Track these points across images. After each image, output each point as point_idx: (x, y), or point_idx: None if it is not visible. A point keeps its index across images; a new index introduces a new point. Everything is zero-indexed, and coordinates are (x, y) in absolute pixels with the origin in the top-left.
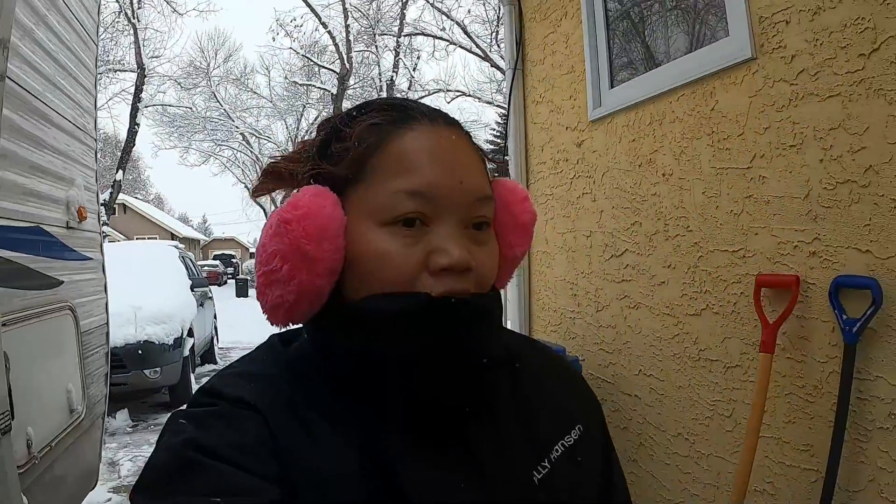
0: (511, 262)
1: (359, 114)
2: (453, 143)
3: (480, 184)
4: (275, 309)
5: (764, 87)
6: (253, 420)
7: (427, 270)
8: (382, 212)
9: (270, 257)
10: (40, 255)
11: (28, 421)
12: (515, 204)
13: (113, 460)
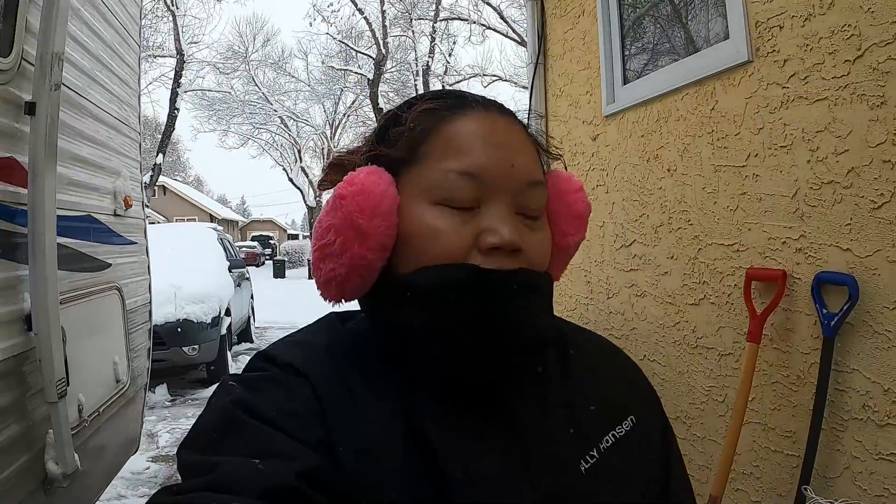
0: (564, 252)
1: (416, 101)
2: (506, 128)
3: (532, 169)
4: (328, 283)
5: (759, 89)
6: (301, 387)
7: (477, 249)
8: (435, 191)
9: (325, 231)
10: (91, 241)
11: (80, 388)
12: (570, 193)
13: (152, 432)
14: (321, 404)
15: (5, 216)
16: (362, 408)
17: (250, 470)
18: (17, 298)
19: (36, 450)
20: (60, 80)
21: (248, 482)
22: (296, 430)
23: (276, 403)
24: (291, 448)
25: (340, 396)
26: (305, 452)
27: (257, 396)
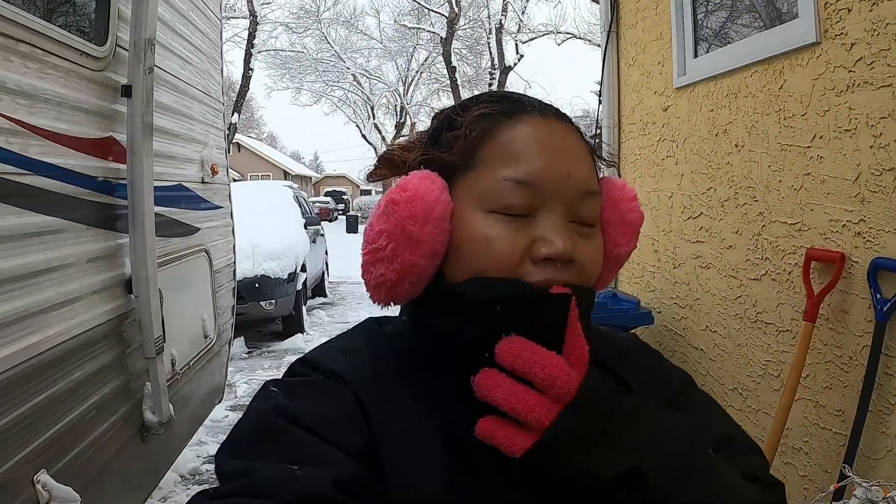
0: (615, 262)
1: (471, 104)
2: (563, 136)
3: (587, 178)
4: (377, 287)
5: (826, 71)
6: (343, 393)
7: (530, 258)
8: (489, 199)
9: (377, 236)
10: (182, 208)
11: (173, 344)
12: (623, 202)
13: (230, 382)
14: (364, 412)
15: (107, 190)
16: (404, 414)
17: (287, 475)
18: (119, 264)
19: (135, 401)
20: (153, 63)
21: (283, 487)
22: (335, 437)
23: (316, 410)
24: (329, 455)
25: (382, 403)
26: (343, 460)
27: (298, 402)
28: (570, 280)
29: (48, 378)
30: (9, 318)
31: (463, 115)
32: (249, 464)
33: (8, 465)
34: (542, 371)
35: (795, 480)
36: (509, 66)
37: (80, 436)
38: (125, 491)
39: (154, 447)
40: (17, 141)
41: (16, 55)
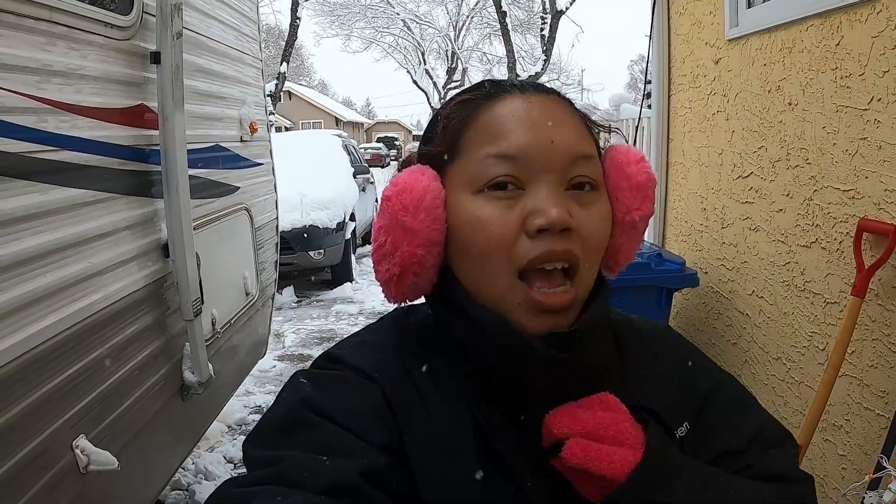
0: (630, 228)
1: (454, 97)
2: (543, 107)
3: (576, 142)
4: (387, 284)
5: (886, 28)
6: (370, 389)
7: (525, 233)
8: (475, 180)
9: (377, 233)
10: (220, 168)
11: (213, 303)
12: (629, 165)
13: (279, 332)
14: (391, 408)
15: (141, 158)
16: (432, 407)
17: (315, 465)
18: (155, 229)
19: (174, 361)
20: (181, 28)
21: (312, 477)
22: (362, 431)
23: (343, 404)
24: (357, 447)
25: (410, 398)
26: (371, 452)
27: (326, 395)
28: (573, 249)
29: (89, 344)
30: (50, 289)
31: (446, 107)
32: (279, 453)
33: (49, 431)
34: (607, 467)
35: (834, 459)
36: (561, 11)
37: (119, 399)
38: (167, 448)
39: (195, 404)
40: (49, 119)
41: (39, 34)
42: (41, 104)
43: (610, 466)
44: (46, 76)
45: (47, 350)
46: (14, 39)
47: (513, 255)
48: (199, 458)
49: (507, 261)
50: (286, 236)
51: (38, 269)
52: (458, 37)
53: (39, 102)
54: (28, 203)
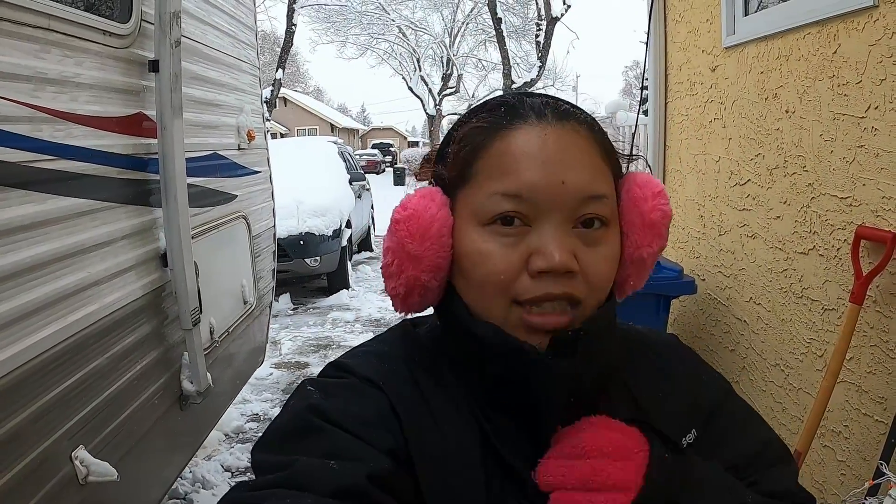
0: (638, 264)
1: (470, 117)
2: (560, 141)
3: (589, 182)
4: (394, 299)
5: (883, 37)
6: (377, 397)
7: (526, 271)
8: (482, 213)
9: (385, 253)
10: (218, 176)
11: (210, 312)
12: (644, 200)
13: (275, 339)
14: (397, 417)
15: (138, 166)
16: (439, 416)
17: (323, 469)
18: (154, 238)
19: (173, 370)
20: (180, 36)
21: (320, 480)
22: (369, 437)
23: (350, 410)
24: (364, 452)
25: (417, 407)
26: (378, 457)
27: (333, 402)
28: (573, 293)
29: (87, 355)
30: (46, 301)
31: (460, 129)
32: (286, 458)
33: (48, 442)
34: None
35: (833, 465)
36: (556, 17)
37: (118, 409)
38: (165, 457)
39: (194, 414)
40: (44, 127)
41: (35, 42)
42: (38, 112)
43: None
44: (43, 84)
45: (45, 361)
46: (10, 47)
47: (512, 290)
48: (196, 466)
49: (505, 294)
50: (282, 243)
51: (35, 279)
52: (454, 43)
53: (36, 111)
54: (25, 213)
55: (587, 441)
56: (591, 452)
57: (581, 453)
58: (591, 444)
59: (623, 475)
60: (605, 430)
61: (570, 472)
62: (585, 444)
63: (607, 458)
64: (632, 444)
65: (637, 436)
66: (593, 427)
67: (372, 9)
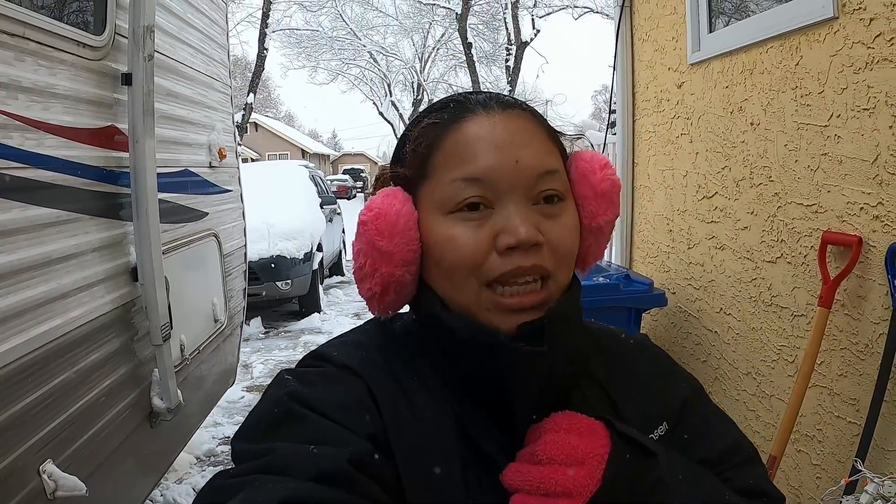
0: (597, 233)
1: (421, 118)
2: (507, 126)
3: (540, 159)
4: (370, 301)
5: (844, 47)
6: (355, 383)
7: (495, 250)
8: (446, 202)
9: (356, 255)
10: (189, 193)
11: (181, 329)
12: (593, 173)
13: (247, 363)
14: (376, 404)
15: (110, 179)
16: (416, 405)
17: (304, 454)
18: (124, 253)
19: (142, 387)
20: (153, 50)
21: (301, 465)
22: (348, 421)
23: (329, 396)
24: (343, 436)
25: (395, 395)
26: (357, 440)
27: (312, 389)
28: (542, 263)
29: (53, 368)
30: (10, 311)
31: (413, 129)
32: (266, 445)
33: (14, 455)
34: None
35: (808, 469)
36: (526, 42)
37: (87, 424)
38: (135, 475)
39: (164, 432)
40: (14, 135)
41: (9, 49)
42: (10, 119)
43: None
44: (15, 92)
45: (10, 372)
46: None
47: (482, 271)
48: (167, 489)
49: (476, 275)
50: (253, 266)
51: (2, 289)
52: (424, 68)
53: (7, 118)
54: None
55: (541, 449)
56: (544, 460)
57: (535, 460)
58: (544, 451)
59: (573, 482)
60: (564, 434)
61: (526, 477)
62: (539, 452)
63: (560, 464)
64: (589, 447)
65: (600, 436)
66: (553, 430)
67: (343, 34)
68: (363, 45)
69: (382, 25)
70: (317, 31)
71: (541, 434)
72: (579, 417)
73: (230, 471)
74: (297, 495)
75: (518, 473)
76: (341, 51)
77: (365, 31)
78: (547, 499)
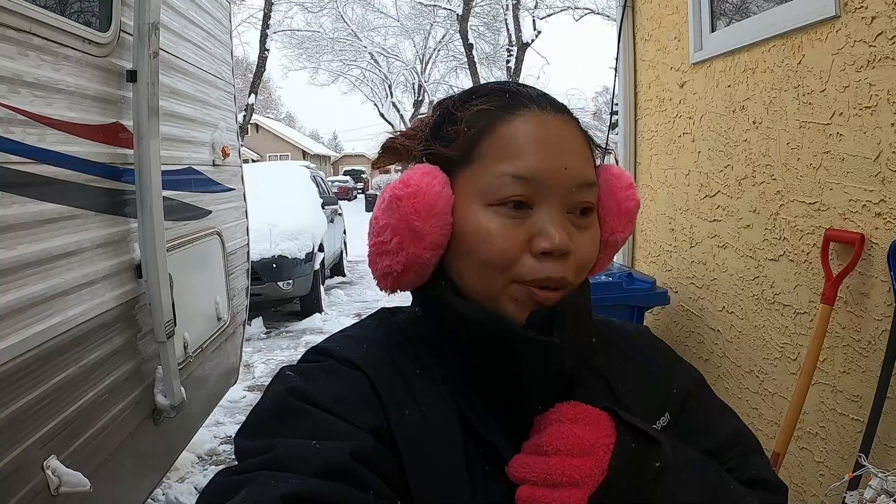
0: (611, 247)
1: (470, 98)
2: (559, 130)
3: (585, 170)
4: (384, 277)
5: (846, 46)
6: (357, 377)
7: (529, 252)
8: (489, 193)
9: (382, 230)
10: (192, 191)
11: (185, 327)
12: (620, 190)
13: (248, 363)
14: (378, 397)
15: (114, 176)
16: (419, 398)
17: (306, 449)
18: (128, 249)
19: (146, 384)
20: (158, 48)
21: (304, 460)
22: (350, 416)
23: (330, 391)
24: (345, 430)
25: (397, 388)
26: (360, 435)
27: (313, 385)
28: (568, 276)
29: (57, 365)
30: (13, 308)
31: (463, 109)
32: (269, 441)
33: (18, 451)
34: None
35: (811, 466)
36: (527, 43)
37: (90, 420)
38: (138, 473)
39: (167, 429)
40: (19, 130)
41: (16, 44)
42: (12, 113)
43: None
44: (20, 87)
45: (13, 369)
46: None
47: (514, 270)
48: (169, 488)
49: (505, 273)
50: (255, 266)
51: (3, 285)
52: (425, 70)
53: (11, 111)
54: None
55: (547, 440)
56: (549, 451)
57: (541, 451)
58: (550, 442)
59: (578, 472)
60: (570, 425)
61: (531, 469)
62: (545, 443)
63: (566, 455)
64: (595, 437)
65: (605, 426)
66: (558, 421)
67: (344, 35)
68: (364, 47)
69: (383, 26)
70: (318, 32)
71: (546, 425)
72: (584, 408)
73: (233, 468)
74: (300, 491)
75: (524, 465)
76: (342, 52)
77: (366, 32)
78: (553, 489)
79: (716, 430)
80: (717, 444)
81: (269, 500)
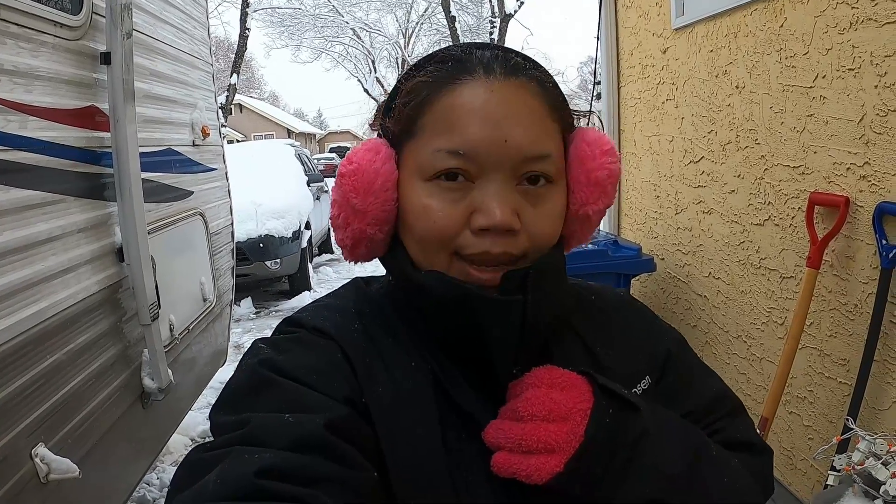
0: (584, 221)
1: (417, 70)
2: (504, 97)
3: (531, 141)
4: (343, 249)
5: (828, 8)
6: (329, 346)
7: (469, 229)
8: (426, 168)
9: (332, 205)
10: (173, 172)
11: (170, 309)
12: (591, 159)
13: (238, 343)
14: (351, 364)
15: (93, 160)
16: (392, 365)
17: (279, 423)
18: (109, 233)
19: (133, 368)
20: (131, 28)
21: (277, 434)
22: (323, 386)
23: (303, 362)
24: (319, 401)
25: (370, 356)
26: (332, 404)
27: (285, 356)
28: (513, 251)
29: (42, 351)
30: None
31: (406, 83)
32: (243, 416)
33: (6, 440)
34: (535, 475)
35: (800, 430)
36: (510, 14)
37: (78, 406)
38: (128, 457)
39: (156, 412)
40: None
41: None
42: None
43: (538, 474)
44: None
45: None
46: None
47: (453, 245)
48: (163, 472)
49: (447, 247)
50: (242, 246)
51: None
52: (408, 44)
53: None
54: None
55: (522, 405)
56: (525, 416)
57: (517, 417)
58: (525, 408)
59: (555, 437)
60: (546, 389)
61: (507, 434)
62: (520, 408)
63: (541, 420)
64: (571, 402)
65: (582, 390)
66: (535, 385)
67: (325, 12)
68: (346, 22)
69: (365, 1)
70: (299, 10)
71: (522, 390)
72: (561, 372)
73: (208, 444)
74: (275, 465)
75: (499, 431)
76: (324, 28)
77: (348, 7)
78: (528, 456)
79: (698, 391)
80: (699, 405)
81: (243, 475)
